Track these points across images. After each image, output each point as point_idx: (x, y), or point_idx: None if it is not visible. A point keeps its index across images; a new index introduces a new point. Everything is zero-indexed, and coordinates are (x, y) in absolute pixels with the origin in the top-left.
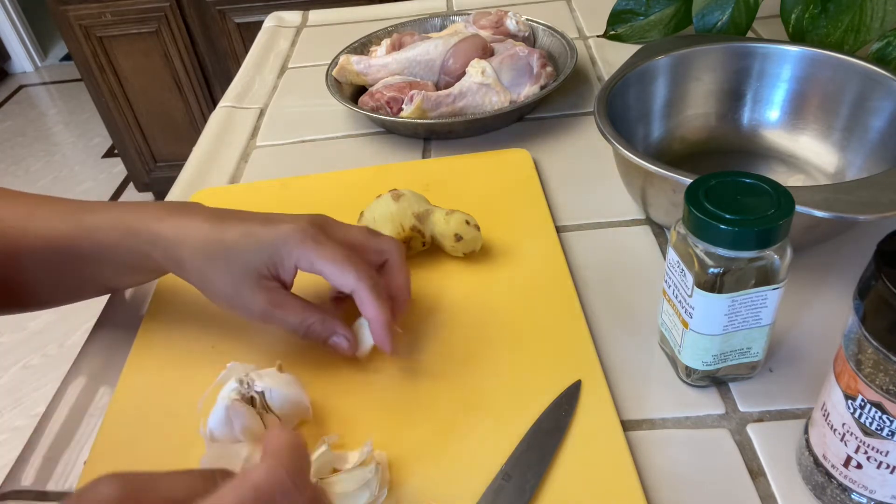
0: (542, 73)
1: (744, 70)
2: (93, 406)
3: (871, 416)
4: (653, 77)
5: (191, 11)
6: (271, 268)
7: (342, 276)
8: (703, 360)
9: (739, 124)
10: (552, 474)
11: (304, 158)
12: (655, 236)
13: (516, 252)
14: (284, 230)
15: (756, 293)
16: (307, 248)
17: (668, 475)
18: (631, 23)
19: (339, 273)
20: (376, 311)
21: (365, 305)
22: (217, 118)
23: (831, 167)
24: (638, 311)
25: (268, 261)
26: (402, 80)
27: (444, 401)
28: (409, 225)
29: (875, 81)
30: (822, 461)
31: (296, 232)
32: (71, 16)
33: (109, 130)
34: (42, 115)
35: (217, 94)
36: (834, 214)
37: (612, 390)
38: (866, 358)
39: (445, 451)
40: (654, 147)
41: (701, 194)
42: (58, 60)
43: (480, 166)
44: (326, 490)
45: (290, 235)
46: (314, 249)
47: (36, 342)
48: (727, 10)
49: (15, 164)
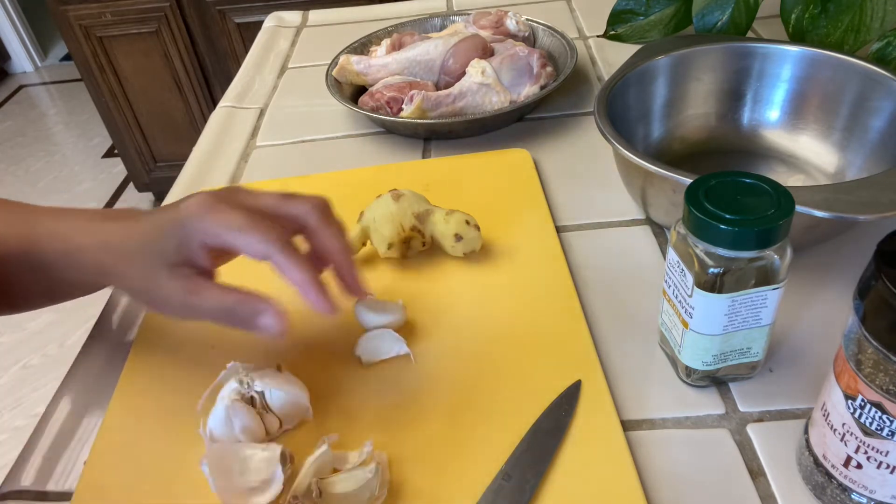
0: (542, 73)
1: (744, 70)
2: (93, 406)
3: (871, 416)
4: (653, 77)
5: (191, 11)
6: (183, 253)
7: (246, 243)
8: (703, 360)
9: (739, 124)
10: (552, 474)
11: (304, 158)
12: (655, 236)
13: (516, 252)
14: (184, 208)
15: (756, 293)
16: (209, 220)
17: (668, 475)
18: (631, 23)
19: (243, 239)
20: (297, 272)
21: (283, 269)
22: (217, 118)
23: (831, 167)
24: (638, 311)
25: (177, 246)
26: (402, 80)
27: (444, 401)
28: (409, 225)
29: (875, 81)
30: (822, 461)
31: (196, 206)
32: (71, 16)
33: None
34: (42, 115)
35: (217, 94)
36: (834, 214)
37: (612, 390)
38: (866, 358)
39: (445, 451)
40: (654, 147)
41: (701, 194)
42: (58, 60)
43: (480, 166)
44: (326, 490)
45: (191, 212)
46: (214, 219)
47: (36, 342)
48: (727, 10)
49: (15, 164)
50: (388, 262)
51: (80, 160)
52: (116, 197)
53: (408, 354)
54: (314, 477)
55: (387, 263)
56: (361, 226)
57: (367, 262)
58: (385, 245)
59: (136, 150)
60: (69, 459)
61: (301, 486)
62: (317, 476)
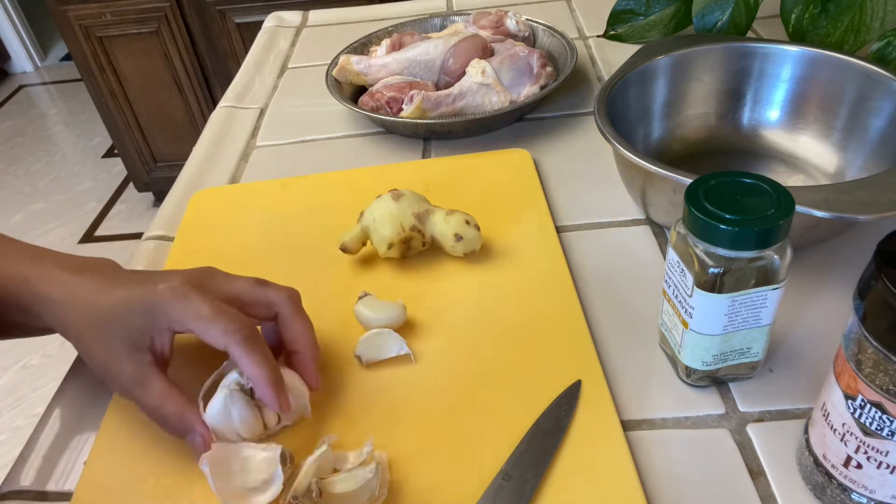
0: (542, 73)
1: (744, 70)
2: (93, 406)
3: (871, 416)
4: (653, 77)
5: (191, 11)
6: (146, 336)
7: (208, 333)
8: (703, 360)
9: (739, 124)
10: (552, 474)
11: (304, 158)
12: (655, 236)
13: (516, 252)
14: (156, 291)
15: (756, 293)
16: (177, 306)
17: (668, 475)
18: (631, 23)
19: (206, 329)
20: (253, 367)
21: (240, 363)
22: (217, 118)
23: (831, 167)
24: (638, 311)
25: (142, 327)
26: (402, 80)
27: (444, 401)
28: (409, 225)
29: (875, 81)
30: (822, 461)
31: (167, 291)
32: (71, 16)
33: (109, 130)
34: (42, 115)
35: (217, 94)
36: (834, 214)
37: (612, 390)
38: (866, 358)
39: (445, 451)
40: (654, 147)
41: (701, 194)
42: (58, 60)
43: (480, 166)
44: (326, 490)
45: (162, 296)
46: (182, 307)
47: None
48: (727, 10)
49: (15, 164)
50: (388, 262)
51: (80, 160)
52: (116, 197)
53: (408, 354)
54: (314, 477)
55: (387, 263)
56: (361, 226)
57: (367, 262)
58: (385, 245)
59: (136, 150)
60: (69, 459)
61: (301, 486)
62: (317, 476)
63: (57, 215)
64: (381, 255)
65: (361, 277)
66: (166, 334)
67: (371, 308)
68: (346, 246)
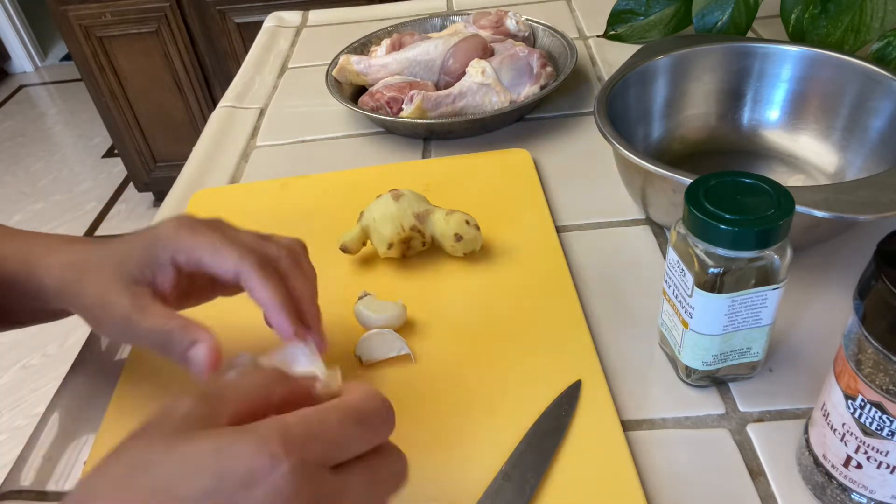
0: (542, 73)
1: (744, 70)
2: (93, 406)
3: (871, 416)
4: (653, 77)
5: (191, 11)
6: (146, 270)
7: (221, 260)
8: (703, 360)
9: (739, 124)
10: (552, 474)
11: (304, 158)
12: (655, 236)
13: (516, 252)
14: (161, 226)
15: (756, 293)
16: (182, 237)
17: (668, 475)
18: (631, 23)
19: (216, 255)
20: (265, 291)
21: (253, 287)
22: (217, 118)
23: (831, 167)
24: (638, 311)
25: (142, 260)
26: (402, 80)
27: (443, 401)
28: (409, 225)
29: (875, 81)
30: (822, 461)
31: (174, 225)
32: (71, 16)
33: (109, 130)
34: (42, 115)
35: (217, 94)
36: (834, 214)
37: (612, 390)
38: (866, 358)
39: (445, 451)
40: (654, 147)
41: (701, 194)
42: (58, 60)
43: (480, 166)
44: None
45: (167, 230)
46: (189, 237)
47: (36, 342)
48: (727, 10)
49: (15, 164)
50: (388, 262)
51: (80, 160)
52: (116, 197)
53: (408, 354)
54: None
55: (387, 263)
56: (361, 226)
57: (367, 262)
58: (385, 245)
59: (136, 150)
60: (69, 459)
61: None
62: None
63: (57, 215)
64: (381, 255)
65: (361, 277)
66: (169, 269)
67: (371, 308)
68: (346, 246)
